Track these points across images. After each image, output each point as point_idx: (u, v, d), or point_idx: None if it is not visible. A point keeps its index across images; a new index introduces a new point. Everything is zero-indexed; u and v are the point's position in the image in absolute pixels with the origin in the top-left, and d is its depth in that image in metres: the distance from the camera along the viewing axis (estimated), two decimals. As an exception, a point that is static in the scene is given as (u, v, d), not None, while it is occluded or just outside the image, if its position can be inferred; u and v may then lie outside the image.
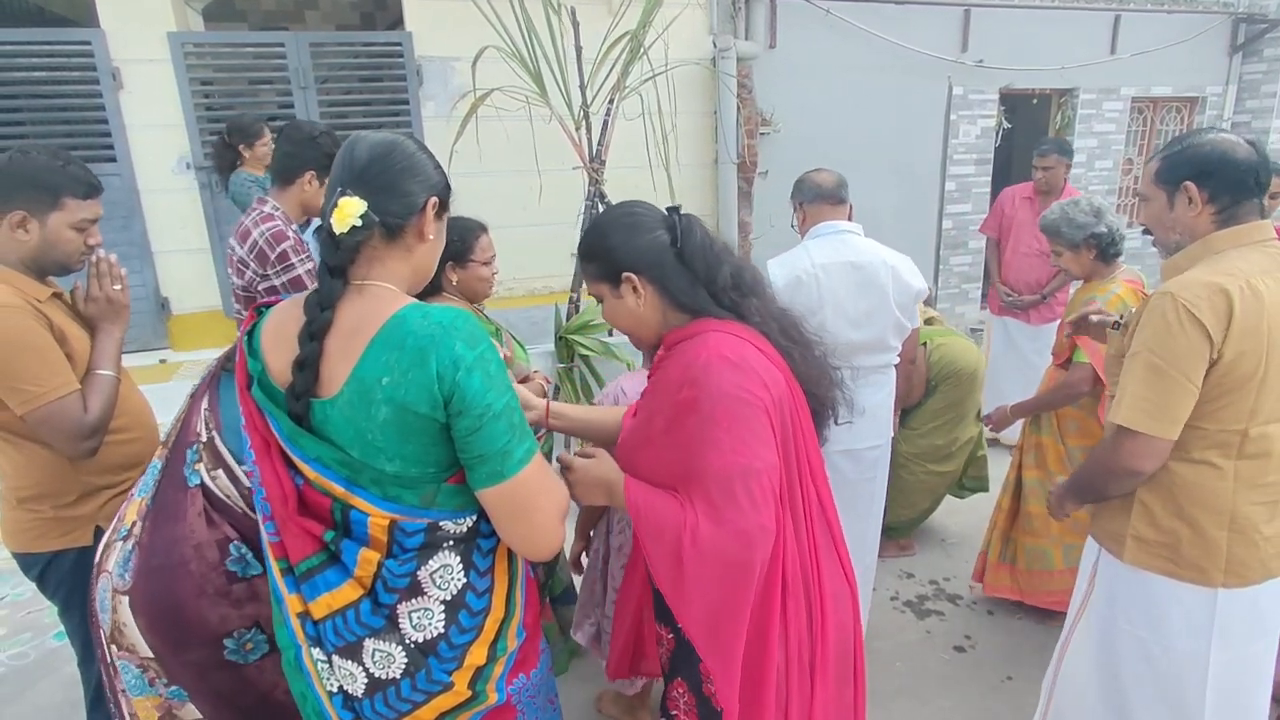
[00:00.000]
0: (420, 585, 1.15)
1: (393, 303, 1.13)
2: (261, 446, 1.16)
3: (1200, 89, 7.30)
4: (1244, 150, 1.52)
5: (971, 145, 6.54)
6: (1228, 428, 1.50)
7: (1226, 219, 1.53)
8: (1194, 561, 1.56)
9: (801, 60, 5.74)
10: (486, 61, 3.74)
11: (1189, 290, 1.45)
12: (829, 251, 2.30)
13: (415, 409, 1.07)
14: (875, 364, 2.39)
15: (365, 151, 1.15)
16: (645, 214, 1.36)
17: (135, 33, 4.31)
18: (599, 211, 4.03)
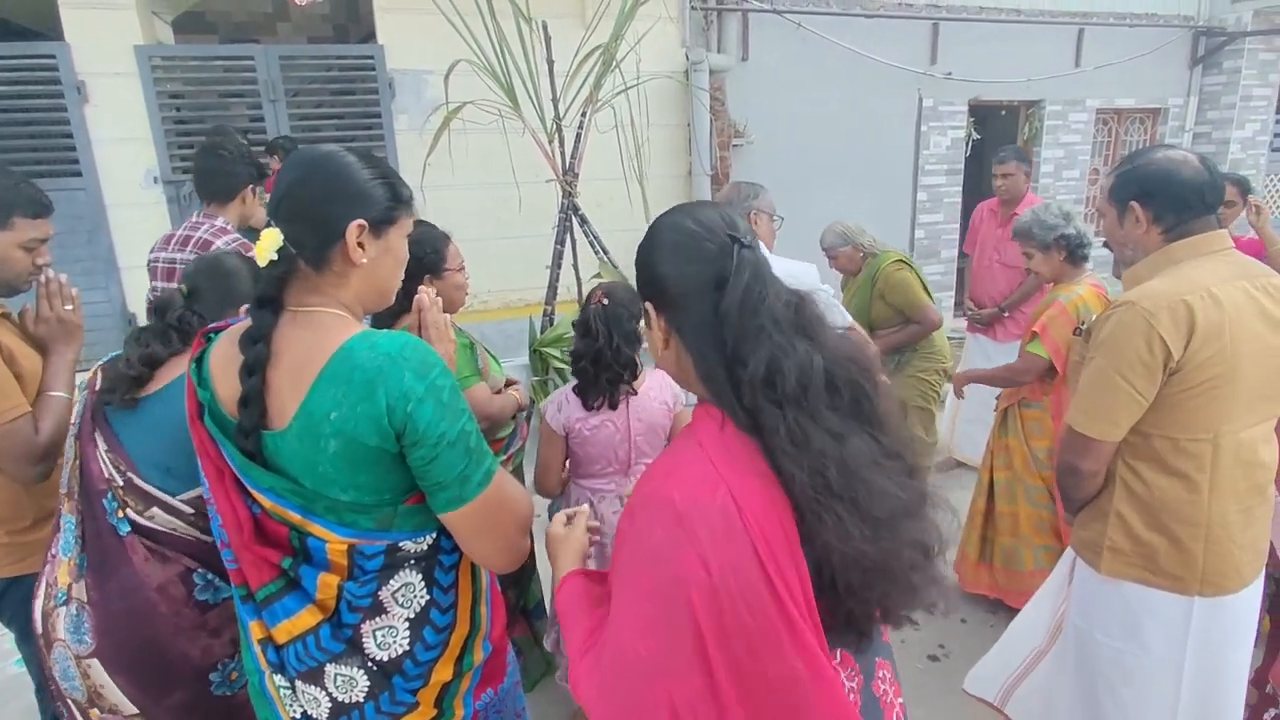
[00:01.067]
0: (383, 604, 1.14)
1: (340, 332, 1.08)
2: (215, 475, 1.13)
3: (1162, 100, 7.47)
4: (1190, 169, 1.53)
5: (942, 156, 6.64)
6: (1197, 436, 1.51)
7: (1175, 236, 1.55)
8: (1171, 571, 1.57)
9: (774, 73, 5.80)
10: (459, 74, 3.74)
11: (1150, 300, 1.47)
12: None
13: (365, 442, 1.05)
14: None
15: (285, 175, 1.10)
16: (704, 235, 0.97)
17: (102, 46, 4.25)
18: (571, 224, 4.04)
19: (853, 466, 0.88)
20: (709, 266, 0.95)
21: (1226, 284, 1.48)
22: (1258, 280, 1.52)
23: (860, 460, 0.89)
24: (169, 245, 2.31)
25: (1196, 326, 1.44)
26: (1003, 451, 2.78)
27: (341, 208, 1.08)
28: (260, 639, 1.14)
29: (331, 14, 6.89)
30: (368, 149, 4.79)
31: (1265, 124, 7.61)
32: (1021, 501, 2.72)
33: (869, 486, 0.88)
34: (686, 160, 5.63)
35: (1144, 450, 1.57)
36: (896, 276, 3.30)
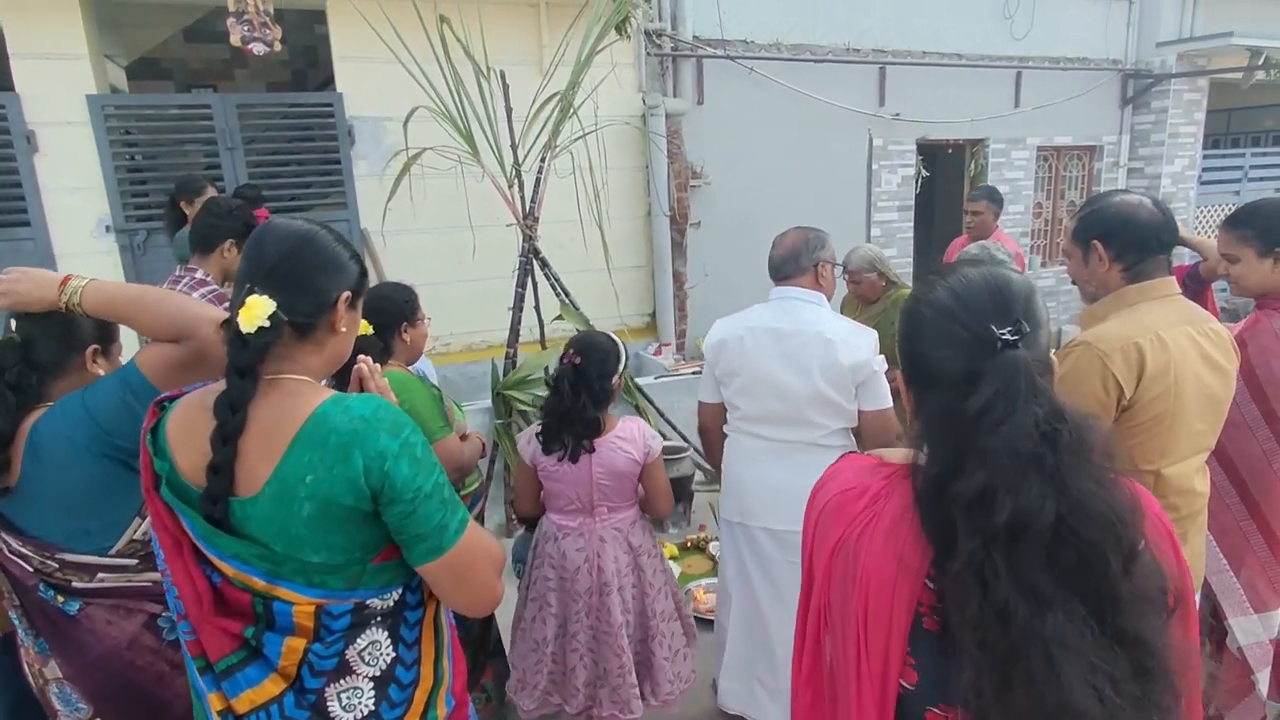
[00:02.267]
0: (349, 664, 1.14)
1: (311, 398, 1.11)
2: (172, 546, 1.12)
3: (1098, 138, 7.84)
4: (1147, 212, 1.65)
5: (894, 193, 6.86)
6: (1142, 467, 1.62)
7: (1135, 275, 1.66)
8: None
9: (729, 115, 5.97)
10: (419, 120, 3.78)
11: (1104, 342, 1.58)
12: (764, 316, 2.26)
13: (340, 502, 1.07)
14: (798, 439, 2.22)
15: (275, 247, 1.12)
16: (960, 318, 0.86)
17: (53, 96, 4.21)
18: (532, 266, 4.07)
19: (1044, 638, 0.75)
20: (960, 357, 0.84)
21: (1173, 328, 1.60)
22: (1200, 326, 1.64)
23: (1055, 637, 0.75)
24: None
25: (1146, 367, 1.55)
26: None
27: (334, 280, 1.15)
28: (220, 710, 1.13)
29: (290, 60, 6.93)
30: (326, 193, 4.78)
31: (1193, 159, 8.03)
32: None
33: (1052, 668, 0.74)
34: (646, 201, 5.73)
35: None
36: None
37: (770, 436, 2.26)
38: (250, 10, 3.82)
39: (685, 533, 4.04)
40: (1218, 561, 2.08)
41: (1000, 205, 4.31)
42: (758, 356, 2.21)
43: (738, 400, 2.29)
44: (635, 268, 5.82)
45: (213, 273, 2.41)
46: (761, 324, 2.23)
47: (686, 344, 6.04)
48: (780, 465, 2.24)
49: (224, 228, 2.36)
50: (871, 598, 0.86)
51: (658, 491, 2.23)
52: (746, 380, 2.24)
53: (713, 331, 2.34)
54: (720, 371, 2.31)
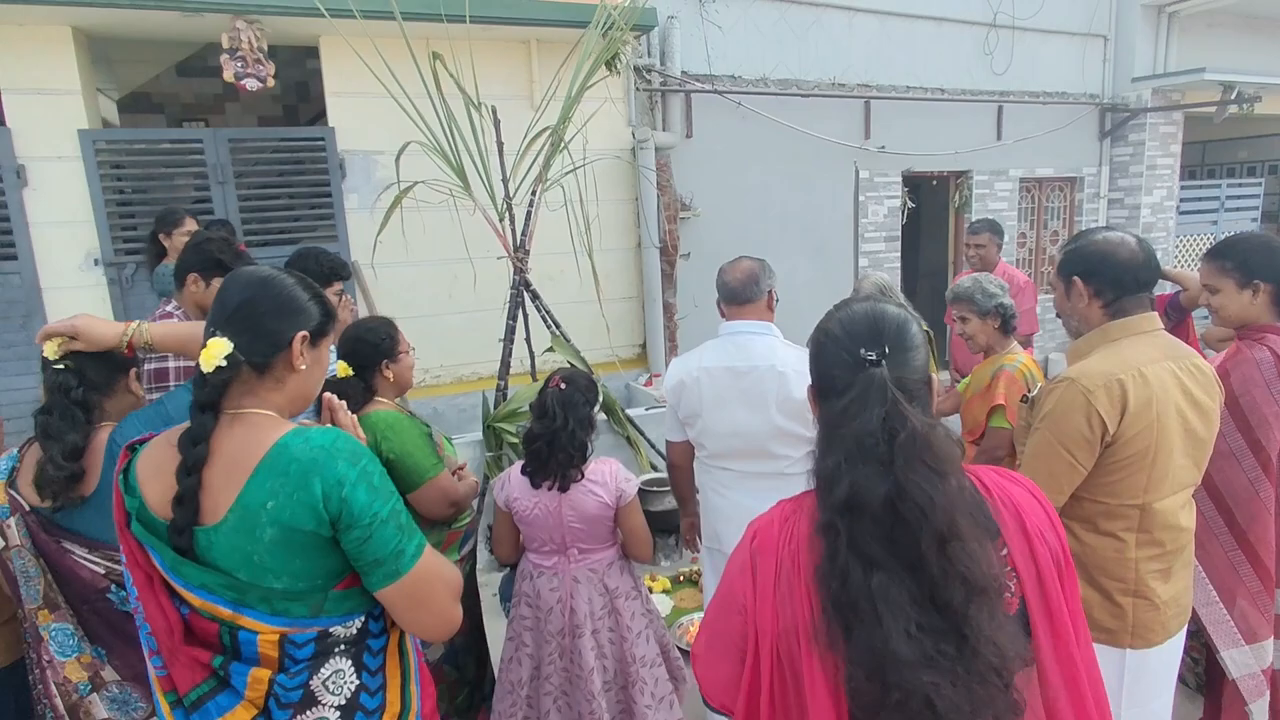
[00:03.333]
0: (314, 695, 1.18)
1: (273, 430, 1.17)
2: (144, 581, 1.16)
3: (1078, 170, 8.00)
4: (1127, 250, 1.67)
5: (880, 224, 6.95)
6: (1126, 502, 1.64)
7: (1115, 311, 1.69)
8: (1104, 625, 1.67)
9: (717, 148, 6.05)
10: (410, 154, 3.81)
11: (1089, 378, 1.60)
12: (718, 354, 2.26)
13: (301, 528, 1.12)
14: (764, 470, 2.25)
15: (236, 294, 1.22)
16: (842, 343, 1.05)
17: (44, 131, 4.22)
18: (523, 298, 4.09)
19: (866, 594, 0.91)
20: (842, 374, 1.02)
21: (1155, 364, 1.62)
22: (1182, 361, 1.67)
23: (880, 594, 0.91)
24: None
25: (1129, 404, 1.57)
26: None
27: (289, 322, 1.23)
28: None
29: (282, 95, 6.98)
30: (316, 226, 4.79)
31: (1170, 190, 8.19)
32: None
33: (880, 620, 0.90)
34: (635, 233, 5.78)
35: (1078, 512, 1.68)
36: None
37: (737, 469, 2.30)
38: (244, 47, 3.87)
39: (677, 565, 4.01)
40: (1207, 594, 2.09)
41: (1002, 237, 4.28)
42: (716, 398, 2.24)
43: (702, 440, 2.33)
44: (626, 299, 5.84)
45: (188, 307, 2.36)
46: (717, 363, 2.24)
47: (677, 374, 6.05)
48: (750, 493, 2.27)
49: (187, 261, 2.30)
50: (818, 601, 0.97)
51: (634, 535, 2.18)
52: (708, 422, 2.27)
53: (669, 374, 2.37)
54: (683, 414, 2.34)
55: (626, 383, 5.53)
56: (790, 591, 0.99)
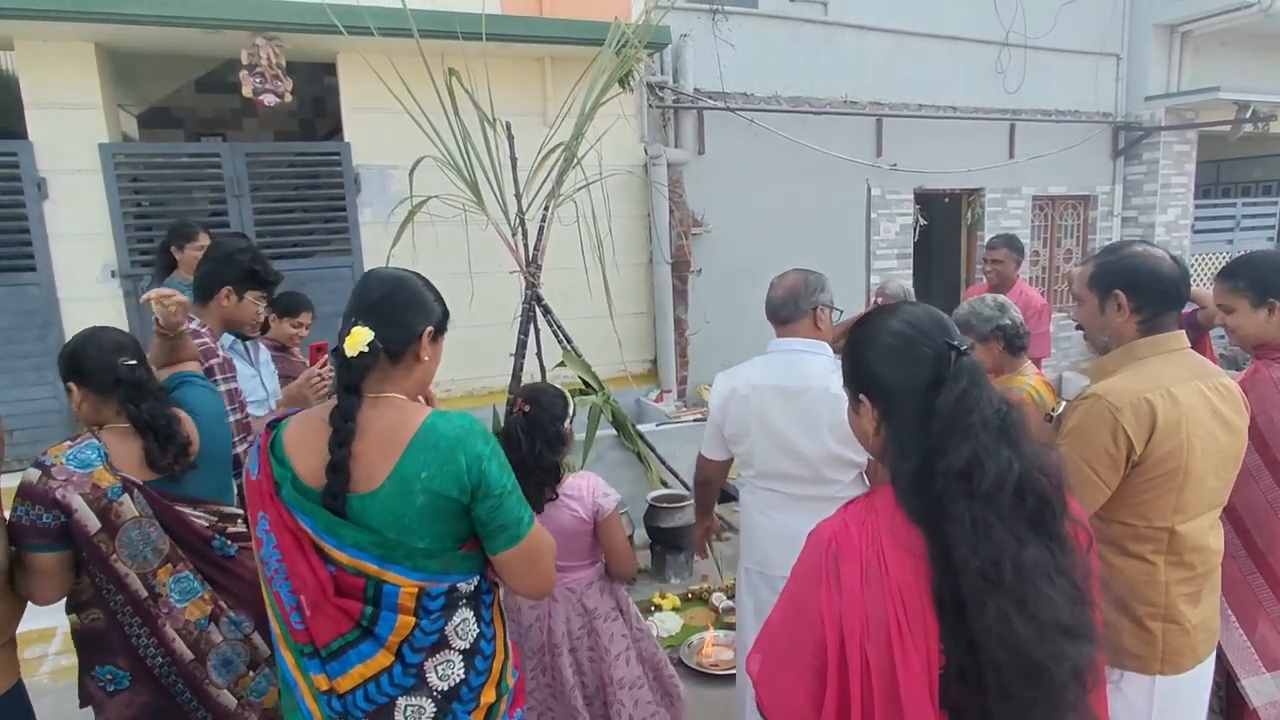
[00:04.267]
0: (446, 639, 1.36)
1: (417, 413, 1.36)
2: (292, 543, 1.31)
3: (1091, 188, 7.98)
4: (1168, 266, 1.66)
5: (892, 241, 6.94)
6: (1155, 524, 1.60)
7: (1150, 327, 1.66)
8: (1135, 651, 1.63)
9: (730, 165, 6.08)
10: (424, 169, 3.84)
11: (1115, 395, 1.57)
12: (769, 371, 2.17)
13: (448, 494, 1.31)
14: (815, 494, 2.16)
15: (376, 288, 1.39)
16: (921, 340, 1.07)
17: (66, 144, 4.29)
18: (535, 313, 4.10)
19: (1026, 569, 0.94)
20: (925, 369, 1.04)
21: (1184, 383, 1.60)
22: (1210, 380, 1.64)
23: (1034, 566, 0.95)
24: None
25: (1157, 423, 1.54)
26: None
27: (420, 317, 1.39)
28: (324, 690, 1.33)
29: (298, 110, 7.07)
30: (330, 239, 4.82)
31: (1185, 209, 8.15)
32: None
33: (1038, 591, 0.94)
34: (648, 249, 5.79)
35: (1105, 534, 1.63)
36: None
37: (786, 491, 2.21)
38: (263, 63, 3.92)
39: (688, 584, 3.97)
40: (1226, 619, 2.04)
41: (1021, 254, 4.17)
42: (767, 418, 2.14)
43: (750, 459, 2.24)
44: (637, 314, 5.85)
45: (210, 322, 2.23)
46: (766, 381, 2.16)
47: (688, 390, 6.04)
48: (798, 515, 2.15)
49: (222, 274, 2.23)
50: (906, 596, 0.98)
51: (614, 552, 2.13)
52: (757, 442, 2.17)
53: (717, 388, 2.27)
54: (729, 431, 2.24)
55: (637, 398, 5.52)
56: (881, 590, 0.99)
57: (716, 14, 5.92)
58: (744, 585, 2.37)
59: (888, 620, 0.97)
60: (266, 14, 4.22)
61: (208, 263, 2.27)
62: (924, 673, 0.96)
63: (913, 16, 6.70)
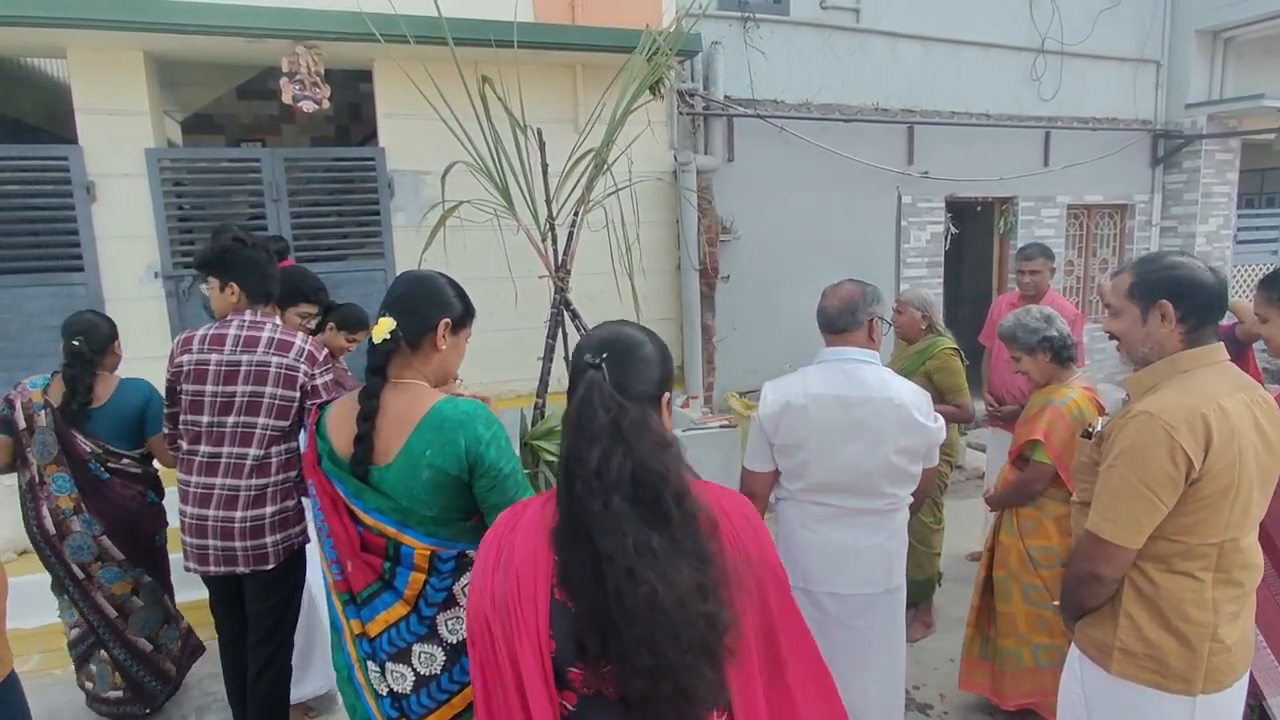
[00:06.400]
0: (455, 598, 1.57)
1: (430, 397, 1.57)
2: (330, 505, 1.57)
3: (1129, 197, 7.82)
4: (1210, 276, 1.63)
5: (922, 249, 6.88)
6: (1206, 541, 1.55)
7: (1193, 339, 1.61)
8: (1180, 673, 1.58)
9: (759, 172, 6.07)
10: (456, 174, 3.90)
11: (1169, 414, 1.52)
12: (826, 381, 2.13)
13: (449, 471, 1.51)
14: (866, 507, 2.16)
15: (401, 284, 1.63)
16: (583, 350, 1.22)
17: (113, 149, 4.42)
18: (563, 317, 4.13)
19: (640, 548, 1.05)
20: (576, 376, 1.19)
21: (1230, 396, 1.56)
22: (1251, 393, 1.60)
23: (648, 547, 1.06)
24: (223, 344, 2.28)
25: (1213, 439, 1.50)
26: (999, 549, 2.75)
27: (436, 310, 1.61)
28: (356, 634, 1.57)
29: (335, 116, 7.21)
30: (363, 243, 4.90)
31: (1227, 219, 7.96)
32: (1018, 601, 2.67)
33: (653, 567, 1.04)
34: (676, 255, 5.80)
35: (1152, 551, 1.59)
36: (951, 362, 3.43)
37: (838, 504, 2.17)
38: (302, 71, 4.01)
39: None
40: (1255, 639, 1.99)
41: (1053, 259, 4.14)
42: (826, 428, 2.09)
43: (804, 472, 2.17)
44: (664, 320, 5.86)
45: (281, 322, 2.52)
46: (825, 391, 2.11)
47: (714, 397, 6.03)
48: (846, 529, 2.17)
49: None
50: (522, 584, 1.10)
51: None
52: (814, 453, 2.12)
53: (769, 399, 2.18)
54: (781, 441, 2.17)
55: (663, 403, 5.53)
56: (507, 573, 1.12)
57: (748, 21, 5.93)
58: None
59: (508, 598, 1.10)
60: (306, 23, 4.31)
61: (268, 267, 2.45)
62: (535, 648, 1.07)
63: (946, 23, 6.65)
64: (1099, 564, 1.60)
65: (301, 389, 2.31)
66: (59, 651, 3.51)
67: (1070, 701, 1.76)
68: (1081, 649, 1.73)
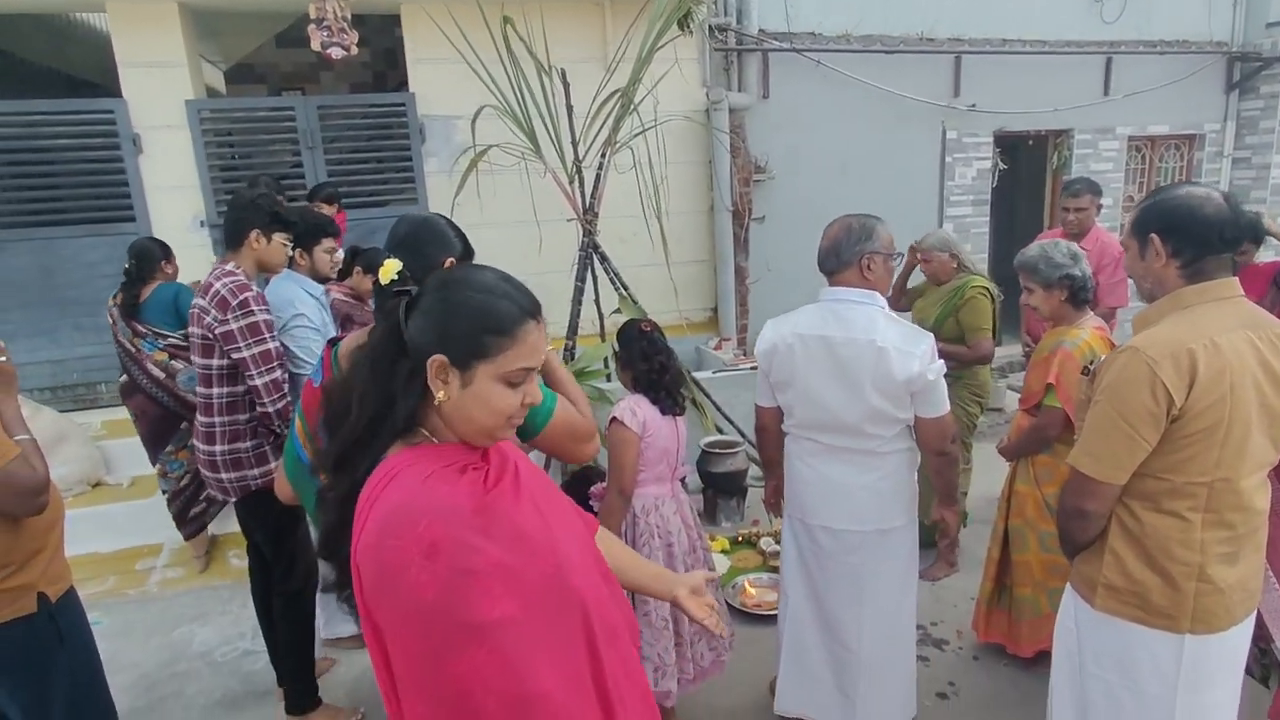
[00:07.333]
0: None
1: None
2: None
3: (1198, 126, 7.35)
4: (1213, 206, 1.54)
5: (968, 187, 6.63)
6: (1194, 480, 1.52)
7: (1193, 273, 1.55)
8: (1163, 610, 1.58)
9: (795, 109, 5.90)
10: (485, 118, 3.91)
11: (1154, 348, 1.48)
12: (815, 321, 2.14)
13: None
14: (855, 447, 2.17)
15: (405, 228, 1.71)
16: None
17: (155, 101, 4.56)
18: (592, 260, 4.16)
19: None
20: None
21: (1231, 332, 1.50)
22: (1263, 331, 1.53)
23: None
24: (197, 293, 2.44)
25: (1199, 374, 1.46)
26: (1015, 498, 2.73)
27: (440, 250, 1.69)
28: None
29: (371, 63, 7.24)
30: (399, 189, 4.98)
31: (1308, 148, 7.43)
32: (1035, 549, 2.66)
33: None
34: (709, 195, 5.73)
35: (1138, 489, 1.58)
36: (977, 300, 3.39)
37: (826, 442, 2.21)
38: (330, 17, 4.04)
39: (738, 527, 4.05)
40: (1267, 581, 1.95)
41: (1101, 197, 3.99)
42: (808, 369, 2.13)
43: (792, 408, 2.25)
44: (698, 262, 5.83)
45: (244, 266, 2.42)
46: (812, 330, 2.12)
47: (748, 339, 6.02)
48: (836, 466, 2.21)
49: (248, 219, 2.40)
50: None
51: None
52: (798, 393, 2.18)
53: (762, 337, 2.26)
54: (773, 379, 2.25)
55: (696, 346, 5.54)
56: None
57: (785, -52, 5.69)
58: (788, 532, 2.41)
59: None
60: (334, -33, 4.31)
61: (234, 210, 2.46)
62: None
63: (1000, -57, 6.25)
64: (1083, 499, 1.59)
65: (208, 329, 2.33)
66: (132, 574, 3.83)
67: (1064, 636, 1.78)
68: (1073, 585, 1.74)
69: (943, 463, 2.22)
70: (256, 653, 3.02)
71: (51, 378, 4.74)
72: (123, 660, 3.06)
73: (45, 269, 4.65)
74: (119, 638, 3.23)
